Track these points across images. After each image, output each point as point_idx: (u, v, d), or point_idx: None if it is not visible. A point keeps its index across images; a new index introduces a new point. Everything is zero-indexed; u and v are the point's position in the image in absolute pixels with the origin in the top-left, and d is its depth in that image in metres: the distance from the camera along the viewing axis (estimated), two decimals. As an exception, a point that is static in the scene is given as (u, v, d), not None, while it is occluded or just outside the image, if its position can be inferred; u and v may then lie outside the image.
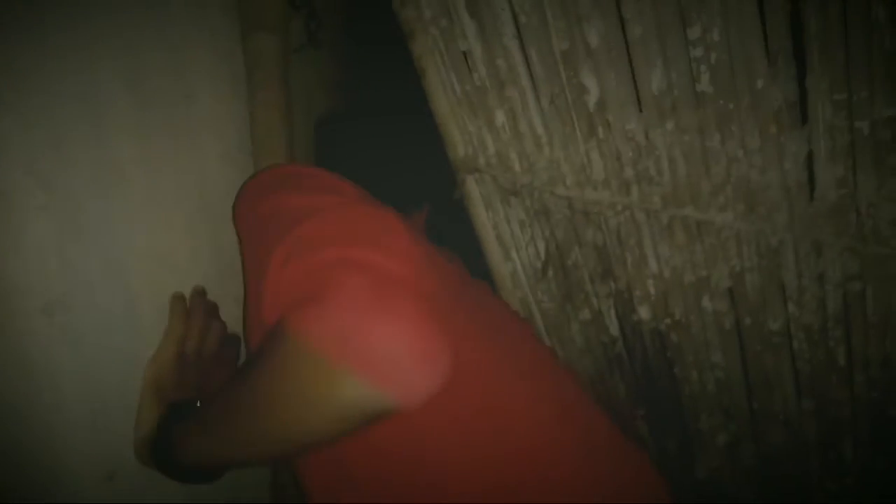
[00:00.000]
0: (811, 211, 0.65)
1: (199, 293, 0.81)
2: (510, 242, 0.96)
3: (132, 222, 0.78)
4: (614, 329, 0.92)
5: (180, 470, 0.60)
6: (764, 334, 0.76)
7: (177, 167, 0.85)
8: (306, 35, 0.99)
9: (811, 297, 0.70)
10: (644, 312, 0.86)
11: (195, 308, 0.79)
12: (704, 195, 0.71)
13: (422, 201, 1.05)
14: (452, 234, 1.00)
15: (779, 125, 0.63)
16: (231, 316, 0.93)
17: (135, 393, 0.73)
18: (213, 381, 0.80)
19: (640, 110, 0.71)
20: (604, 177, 0.78)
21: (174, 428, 0.61)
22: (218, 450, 0.56)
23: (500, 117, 0.84)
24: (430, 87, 0.90)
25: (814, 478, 0.82)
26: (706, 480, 0.96)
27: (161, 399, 0.70)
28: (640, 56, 0.68)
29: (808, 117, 0.61)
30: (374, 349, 0.41)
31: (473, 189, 0.95)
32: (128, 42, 0.78)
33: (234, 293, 0.98)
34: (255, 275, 0.61)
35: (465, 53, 0.83)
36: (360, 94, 1.19)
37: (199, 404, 0.65)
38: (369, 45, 1.23)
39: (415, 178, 1.00)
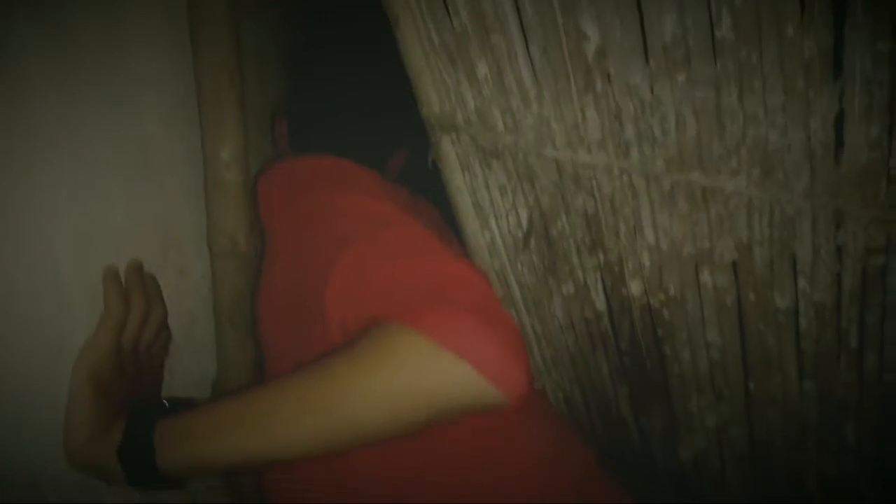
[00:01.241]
0: (836, 177, 0.58)
1: (137, 268, 0.70)
2: (489, 209, 0.88)
3: (56, 189, 0.67)
4: (600, 304, 0.85)
5: (153, 476, 0.55)
6: (768, 312, 0.70)
7: (109, 128, 0.73)
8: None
9: (826, 272, 0.64)
10: (635, 287, 0.79)
11: (133, 287, 0.68)
12: (715, 158, 0.64)
13: (399, 144, 0.96)
14: (430, 178, 0.92)
15: (808, 79, 0.55)
16: (173, 289, 0.83)
17: (64, 389, 0.62)
18: (147, 373, 0.70)
19: (647, 61, 0.63)
20: (600, 137, 0.70)
21: (156, 429, 0.56)
22: (232, 452, 0.54)
23: (483, 69, 0.75)
24: (403, 35, 0.80)
25: (810, 463, 0.77)
26: (691, 463, 0.91)
27: (101, 395, 0.60)
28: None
29: (842, 70, 0.54)
30: (493, 352, 0.50)
31: (449, 150, 0.86)
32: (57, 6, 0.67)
33: (179, 264, 0.87)
34: (302, 263, 0.68)
35: (444, -6, 0.74)
36: (322, 43, 1.08)
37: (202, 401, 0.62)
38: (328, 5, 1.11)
39: (393, 120, 0.91)
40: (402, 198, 0.80)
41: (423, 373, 0.50)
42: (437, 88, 0.82)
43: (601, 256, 0.79)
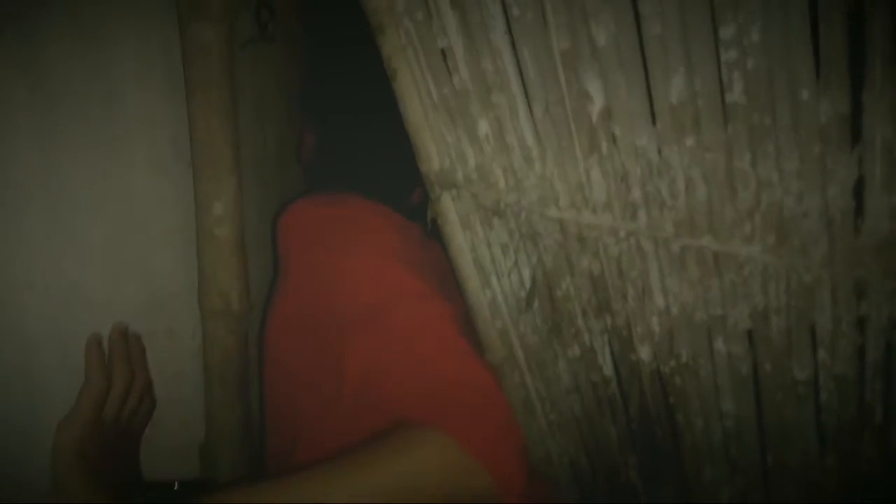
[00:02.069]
0: (856, 246, 0.55)
1: (121, 333, 0.67)
2: (490, 268, 0.84)
3: (30, 245, 0.64)
4: (608, 369, 0.81)
5: None
6: (787, 383, 0.66)
7: (94, 178, 0.71)
8: (256, 27, 0.86)
9: (847, 343, 0.60)
10: (644, 352, 0.75)
11: (116, 355, 0.65)
12: (727, 224, 0.61)
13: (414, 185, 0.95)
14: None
15: (824, 144, 0.53)
16: (161, 351, 0.80)
17: (38, 469, 0.59)
18: (127, 443, 0.66)
19: (654, 123, 0.60)
20: (605, 198, 0.67)
21: None
22: None
23: (484, 127, 0.73)
24: (401, 90, 0.78)
25: (833, 542, 0.72)
26: (705, 536, 0.85)
27: (91, 473, 0.57)
28: (657, 59, 0.57)
29: (860, 136, 0.51)
30: (505, 460, 0.64)
31: (449, 207, 0.83)
32: (31, 28, 0.64)
33: (167, 324, 0.84)
34: (315, 317, 0.73)
35: (444, 52, 0.72)
36: (321, 98, 1.06)
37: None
38: (331, 40, 1.10)
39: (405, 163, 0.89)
40: (413, 243, 0.87)
41: (453, 475, 0.61)
42: (436, 144, 0.79)
43: (608, 320, 0.76)
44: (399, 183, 1.00)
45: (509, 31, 0.65)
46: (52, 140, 0.66)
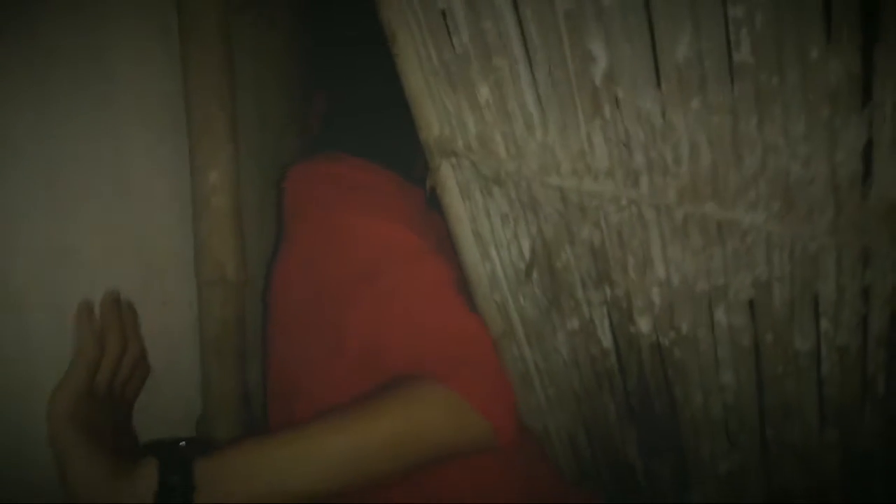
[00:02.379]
0: (863, 212, 0.54)
1: (113, 301, 0.66)
2: (490, 239, 0.83)
3: (30, 212, 0.63)
4: (607, 341, 0.80)
5: None
6: (788, 355, 0.65)
7: (88, 142, 0.70)
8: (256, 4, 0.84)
9: (851, 313, 0.59)
10: (644, 324, 0.74)
11: (108, 323, 0.64)
12: (731, 190, 0.59)
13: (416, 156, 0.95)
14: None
15: (833, 106, 0.51)
16: (155, 320, 0.79)
17: (34, 439, 0.58)
18: (121, 409, 0.65)
19: (659, 85, 0.59)
20: (607, 165, 0.66)
21: (195, 469, 0.57)
22: (283, 490, 0.58)
23: (485, 92, 0.71)
24: (401, 54, 0.76)
25: (832, 516, 0.72)
26: (702, 511, 0.85)
27: (89, 439, 0.56)
28: (663, 18, 0.55)
29: (871, 97, 0.50)
30: (501, 409, 0.68)
31: (449, 176, 0.82)
32: (31, 12, 0.63)
33: (162, 293, 0.83)
34: (320, 275, 0.75)
35: (444, 13, 0.70)
36: (325, 67, 1.05)
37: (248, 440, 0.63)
38: (335, 5, 1.08)
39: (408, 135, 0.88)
40: (415, 205, 0.87)
41: (456, 425, 0.64)
42: (436, 112, 0.78)
43: (608, 291, 0.75)
44: (402, 154, 0.99)
45: (511, -10, 0.63)
46: (48, 107, 0.64)
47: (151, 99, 0.79)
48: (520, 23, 0.64)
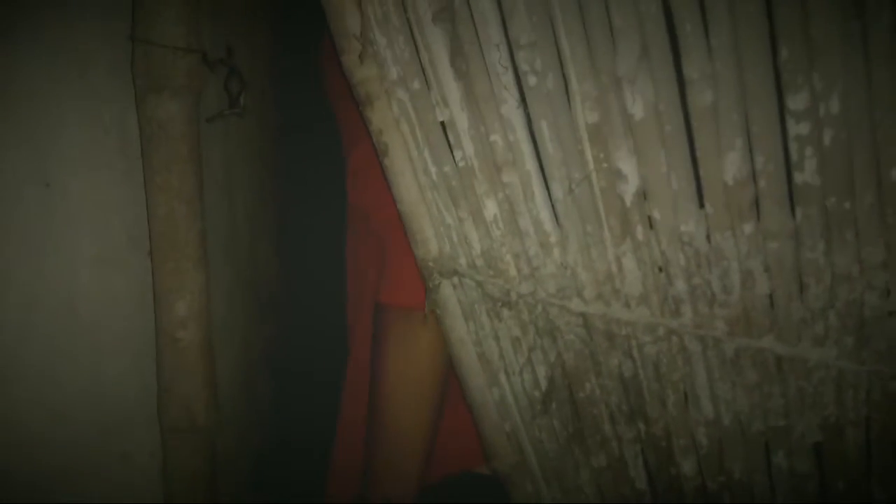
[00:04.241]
0: (959, 351, 0.46)
1: None
2: (498, 364, 0.73)
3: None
4: (641, 482, 0.69)
5: None
6: (865, 505, 0.56)
7: (29, 277, 0.59)
8: (226, 100, 0.76)
9: (944, 462, 0.50)
10: (688, 466, 0.64)
11: None
12: (794, 323, 0.51)
13: None
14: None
15: (919, 232, 0.44)
16: (114, 479, 0.67)
17: None
18: None
19: (702, 205, 0.51)
20: (641, 290, 0.58)
21: None
22: None
23: (493, 208, 0.63)
24: (393, 167, 0.68)
25: None
26: None
27: None
28: (707, 132, 0.48)
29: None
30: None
31: (450, 296, 0.72)
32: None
33: (120, 447, 0.71)
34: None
35: (444, 125, 0.63)
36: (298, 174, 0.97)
37: None
38: (309, 112, 1.01)
39: None
40: None
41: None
42: (434, 227, 0.69)
43: (642, 427, 0.65)
44: None
45: (524, 101, 0.56)
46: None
47: (106, 218, 0.69)
48: (533, 136, 0.57)
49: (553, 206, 0.59)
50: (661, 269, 0.55)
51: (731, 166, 0.48)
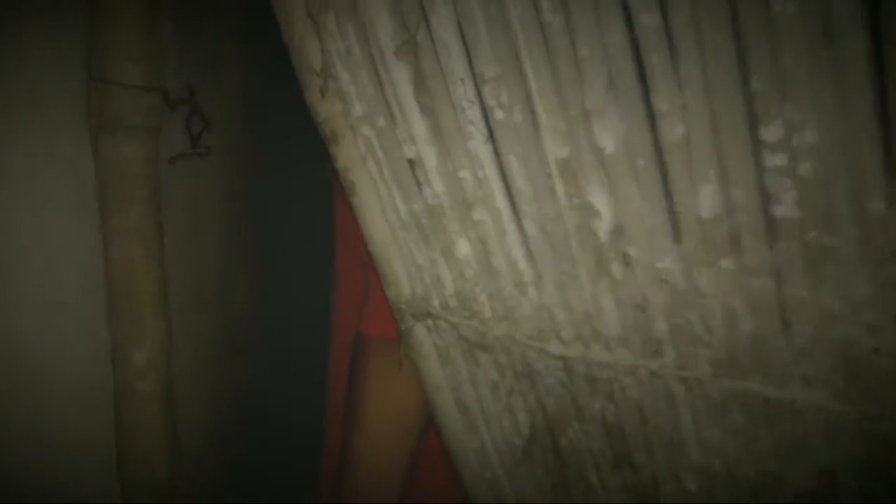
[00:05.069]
0: (954, 390, 0.43)
1: None
2: (477, 411, 0.70)
3: None
4: (629, 531, 0.66)
5: None
6: (864, 554, 0.52)
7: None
8: (188, 140, 0.73)
9: (945, 508, 0.47)
10: (677, 514, 0.61)
11: None
12: (779, 363, 0.49)
13: None
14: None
15: (905, 266, 0.42)
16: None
17: None
18: None
19: (678, 241, 0.49)
20: (620, 331, 0.55)
21: None
22: None
23: (465, 247, 0.61)
24: (361, 206, 0.66)
25: None
26: None
27: None
28: (680, 166, 0.46)
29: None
30: None
31: (425, 340, 0.70)
32: None
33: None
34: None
35: (411, 162, 0.60)
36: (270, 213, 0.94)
37: None
38: (279, 150, 0.99)
39: None
40: None
41: None
42: (406, 268, 0.67)
43: (629, 474, 0.62)
44: None
45: (492, 137, 0.54)
46: None
47: (56, 254, 0.65)
48: (503, 172, 0.55)
49: (527, 243, 0.57)
50: (640, 309, 0.53)
51: (706, 200, 0.46)
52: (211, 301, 0.95)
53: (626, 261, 0.52)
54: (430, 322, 0.68)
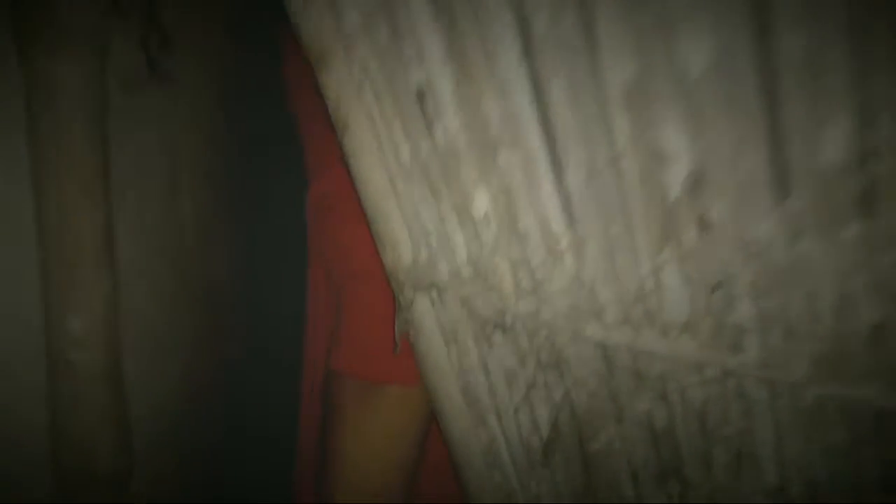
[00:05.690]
0: None
1: None
2: (487, 402, 0.58)
3: None
4: (670, 555, 0.54)
5: None
6: None
7: None
8: (144, 61, 0.59)
9: None
10: (736, 542, 0.49)
11: None
12: (910, 366, 0.36)
13: None
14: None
15: None
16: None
17: None
18: None
19: (783, 199, 0.36)
20: (685, 315, 0.42)
21: None
22: None
23: (484, 202, 0.48)
24: (354, 148, 0.53)
25: None
26: None
27: None
28: (798, 96, 0.33)
29: None
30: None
31: (427, 314, 0.57)
32: None
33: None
34: None
35: (419, 90, 0.47)
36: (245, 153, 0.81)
37: None
38: (258, 78, 0.85)
39: None
40: None
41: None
42: (407, 228, 0.54)
43: (676, 491, 0.50)
44: None
45: (528, 55, 0.40)
46: None
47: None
48: (541, 101, 0.42)
49: (567, 198, 0.44)
50: (717, 288, 0.40)
51: (832, 143, 0.33)
52: (190, 268, 0.83)
53: (705, 224, 0.39)
54: (434, 294, 0.55)
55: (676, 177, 0.38)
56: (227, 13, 0.91)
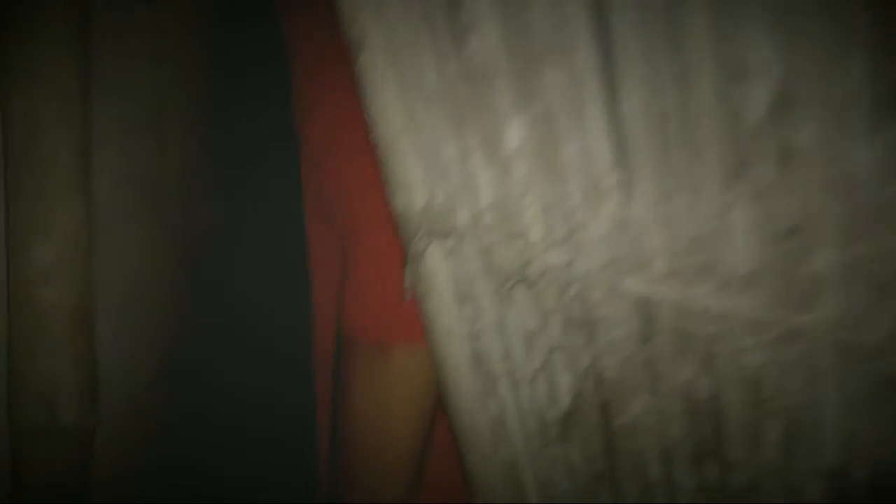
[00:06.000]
0: None
1: None
2: (500, 369, 0.52)
3: None
4: (699, 547, 0.49)
5: None
6: None
7: None
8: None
9: None
10: (780, 534, 0.43)
11: None
12: None
13: None
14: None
15: None
16: None
17: None
18: None
19: (890, 119, 0.30)
20: (750, 265, 0.37)
21: None
22: None
23: (519, 131, 0.42)
24: (370, 69, 0.47)
25: None
26: None
27: None
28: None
29: None
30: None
31: (439, 266, 0.51)
32: None
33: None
34: None
35: (451, 2, 0.41)
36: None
37: None
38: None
39: None
40: None
41: None
42: (423, 164, 0.48)
43: (713, 474, 0.44)
44: None
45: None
46: None
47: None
48: (598, 8, 0.36)
49: (620, 125, 0.38)
50: (792, 233, 0.34)
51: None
52: (173, 213, 0.77)
53: (787, 154, 0.33)
54: (450, 243, 0.49)
55: (758, 96, 0.33)
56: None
